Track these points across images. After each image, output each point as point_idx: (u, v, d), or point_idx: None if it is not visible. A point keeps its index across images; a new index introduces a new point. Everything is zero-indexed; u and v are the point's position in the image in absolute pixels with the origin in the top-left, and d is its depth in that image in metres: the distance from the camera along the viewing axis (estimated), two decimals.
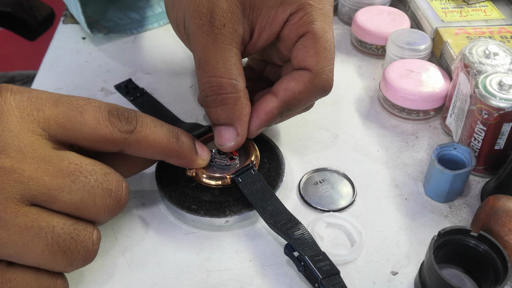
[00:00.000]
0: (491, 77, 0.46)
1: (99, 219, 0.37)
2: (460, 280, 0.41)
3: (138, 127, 0.38)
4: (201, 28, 0.41)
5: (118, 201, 0.37)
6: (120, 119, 0.37)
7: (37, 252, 0.34)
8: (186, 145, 0.41)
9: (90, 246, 0.36)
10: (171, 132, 0.40)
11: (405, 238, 0.43)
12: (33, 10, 0.92)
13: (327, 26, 0.44)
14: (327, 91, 0.45)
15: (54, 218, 0.34)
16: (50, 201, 0.34)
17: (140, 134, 0.38)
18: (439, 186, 0.45)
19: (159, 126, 0.40)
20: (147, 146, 0.39)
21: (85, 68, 0.61)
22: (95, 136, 0.37)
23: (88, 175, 0.35)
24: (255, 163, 0.45)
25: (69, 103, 0.36)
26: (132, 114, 0.38)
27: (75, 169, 0.35)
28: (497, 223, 0.39)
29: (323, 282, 0.37)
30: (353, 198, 0.46)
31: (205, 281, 0.40)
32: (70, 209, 0.35)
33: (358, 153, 0.51)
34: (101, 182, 0.36)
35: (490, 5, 0.61)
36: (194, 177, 0.45)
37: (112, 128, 0.37)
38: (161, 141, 0.39)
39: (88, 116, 0.36)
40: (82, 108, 0.36)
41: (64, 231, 0.34)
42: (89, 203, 0.35)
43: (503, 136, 0.45)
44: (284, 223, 0.41)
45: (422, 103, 0.52)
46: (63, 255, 0.34)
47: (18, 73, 0.96)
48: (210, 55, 0.41)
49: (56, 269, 0.35)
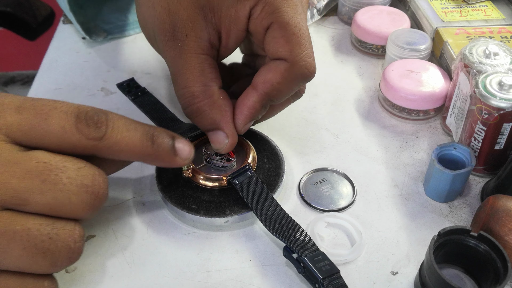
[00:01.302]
0: (491, 77, 0.46)
1: (79, 216, 0.35)
2: (460, 280, 0.41)
3: (108, 132, 0.36)
4: (167, 44, 0.42)
5: (96, 196, 0.35)
6: (88, 124, 0.35)
7: (16, 257, 0.33)
8: (163, 147, 0.39)
9: (71, 244, 0.34)
10: (146, 135, 0.38)
11: (405, 238, 0.43)
12: (33, 10, 0.92)
13: (293, 12, 0.42)
14: (309, 77, 0.44)
15: (29, 221, 0.33)
16: (21, 204, 0.33)
17: (110, 140, 0.36)
18: (439, 186, 0.45)
19: (133, 130, 0.37)
20: (119, 151, 0.37)
21: (85, 68, 0.61)
22: (62, 144, 0.35)
23: (59, 172, 0.33)
24: (252, 165, 0.45)
25: (33, 108, 0.34)
26: (103, 118, 0.36)
27: (44, 168, 0.33)
28: (497, 223, 0.39)
29: (323, 282, 0.37)
30: (353, 198, 0.46)
31: (205, 281, 0.40)
32: (44, 210, 0.33)
33: (358, 153, 0.51)
34: (74, 179, 0.34)
35: (490, 5, 0.61)
36: (191, 178, 0.45)
37: (79, 135, 0.35)
38: (134, 146, 0.37)
39: (53, 122, 0.34)
40: (46, 114, 0.34)
41: (41, 232, 0.33)
42: (63, 201, 0.34)
43: (503, 136, 0.45)
44: (282, 225, 0.41)
45: (422, 103, 0.52)
46: (43, 256, 0.33)
47: (18, 73, 0.96)
48: (178, 68, 0.42)
49: (39, 271, 0.34)
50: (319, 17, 0.67)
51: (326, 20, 0.68)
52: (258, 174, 0.46)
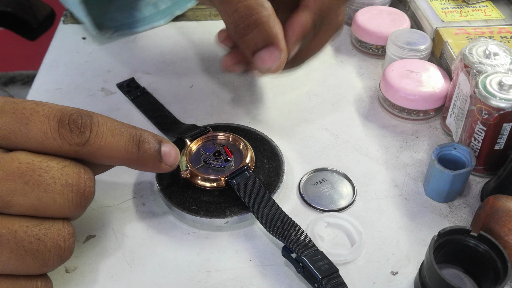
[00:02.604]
0: (491, 77, 0.46)
1: (66, 216, 0.34)
2: (460, 280, 0.41)
3: (92, 138, 0.34)
4: None
5: (82, 194, 0.34)
6: (71, 129, 0.34)
7: (4, 260, 0.32)
8: (148, 153, 0.38)
9: (61, 243, 0.34)
10: (131, 141, 0.37)
11: (405, 238, 0.43)
12: (34, 10, 0.92)
13: None
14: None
15: (15, 223, 0.32)
16: (5, 207, 0.32)
17: (93, 146, 0.35)
18: (439, 186, 0.45)
19: (118, 134, 0.36)
20: (102, 157, 0.36)
21: (85, 68, 0.61)
22: (43, 149, 0.34)
23: (43, 173, 0.33)
24: (250, 165, 0.45)
25: (13, 112, 0.33)
26: (87, 122, 0.35)
27: (27, 169, 0.32)
28: (497, 223, 0.39)
29: (322, 282, 0.37)
30: (353, 198, 0.46)
31: (205, 281, 0.40)
32: (29, 211, 0.33)
33: (358, 153, 0.51)
34: (58, 178, 0.33)
35: (490, 5, 0.61)
36: (188, 179, 0.45)
37: (61, 141, 0.34)
38: (118, 152, 0.36)
39: (34, 127, 0.33)
40: (27, 119, 0.33)
41: (28, 234, 0.32)
42: (48, 202, 0.33)
43: (503, 136, 0.45)
44: (280, 225, 0.41)
45: (422, 103, 0.52)
46: (32, 258, 0.33)
47: (18, 73, 0.96)
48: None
49: (31, 272, 0.34)
50: None
51: None
52: (258, 174, 0.46)
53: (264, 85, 0.58)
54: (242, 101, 0.56)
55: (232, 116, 0.53)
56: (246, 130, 0.50)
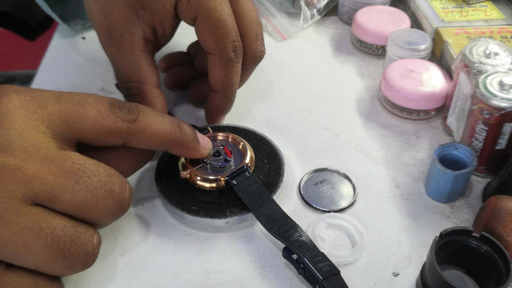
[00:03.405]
0: (492, 77, 0.45)
1: (101, 221, 0.36)
2: (462, 281, 0.40)
3: (140, 116, 0.38)
4: (106, 43, 0.46)
5: (121, 203, 0.37)
6: (122, 109, 0.38)
7: (37, 253, 0.33)
8: (189, 134, 0.41)
9: (90, 250, 0.35)
10: (173, 121, 0.41)
11: (406, 239, 0.43)
12: (33, 10, 0.91)
13: (215, 3, 0.45)
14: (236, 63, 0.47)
15: (55, 219, 0.34)
16: (52, 201, 0.34)
17: (142, 123, 0.38)
18: (440, 186, 0.45)
19: (161, 116, 0.40)
20: (151, 135, 0.39)
21: (85, 68, 0.60)
22: (98, 127, 0.37)
23: (92, 175, 0.35)
24: (249, 165, 0.45)
25: (71, 98, 0.37)
26: (133, 105, 0.39)
27: (78, 169, 0.35)
28: (499, 224, 0.39)
29: (324, 283, 0.37)
30: (353, 199, 0.46)
31: (204, 283, 0.40)
32: (72, 210, 0.35)
33: (359, 153, 0.51)
34: (104, 183, 0.35)
35: (490, 5, 0.61)
36: (188, 179, 0.44)
37: (114, 118, 0.37)
38: (164, 130, 0.39)
39: (90, 108, 0.37)
40: (84, 101, 0.37)
41: (65, 233, 0.34)
42: (91, 203, 0.35)
43: (504, 136, 0.45)
44: (281, 225, 0.41)
45: (422, 103, 0.52)
46: (62, 257, 0.34)
47: (17, 73, 0.96)
48: (117, 64, 0.47)
49: (55, 271, 0.35)
50: (319, 17, 0.67)
51: (326, 20, 0.68)
52: (258, 174, 0.45)
53: (264, 85, 0.58)
54: (241, 101, 0.56)
55: (232, 116, 0.53)
56: (246, 130, 0.50)
